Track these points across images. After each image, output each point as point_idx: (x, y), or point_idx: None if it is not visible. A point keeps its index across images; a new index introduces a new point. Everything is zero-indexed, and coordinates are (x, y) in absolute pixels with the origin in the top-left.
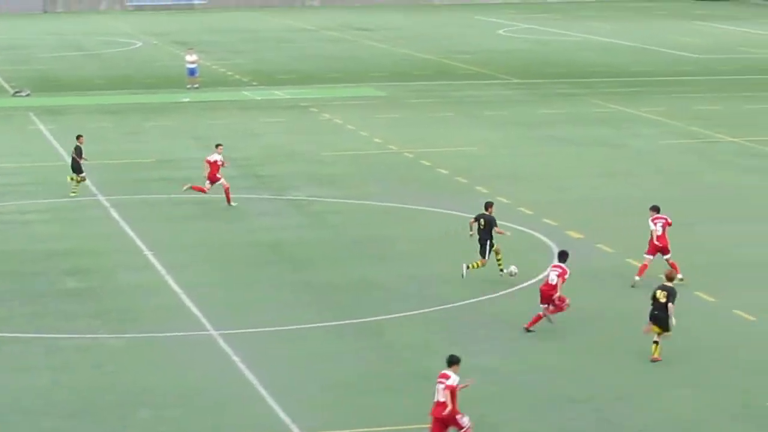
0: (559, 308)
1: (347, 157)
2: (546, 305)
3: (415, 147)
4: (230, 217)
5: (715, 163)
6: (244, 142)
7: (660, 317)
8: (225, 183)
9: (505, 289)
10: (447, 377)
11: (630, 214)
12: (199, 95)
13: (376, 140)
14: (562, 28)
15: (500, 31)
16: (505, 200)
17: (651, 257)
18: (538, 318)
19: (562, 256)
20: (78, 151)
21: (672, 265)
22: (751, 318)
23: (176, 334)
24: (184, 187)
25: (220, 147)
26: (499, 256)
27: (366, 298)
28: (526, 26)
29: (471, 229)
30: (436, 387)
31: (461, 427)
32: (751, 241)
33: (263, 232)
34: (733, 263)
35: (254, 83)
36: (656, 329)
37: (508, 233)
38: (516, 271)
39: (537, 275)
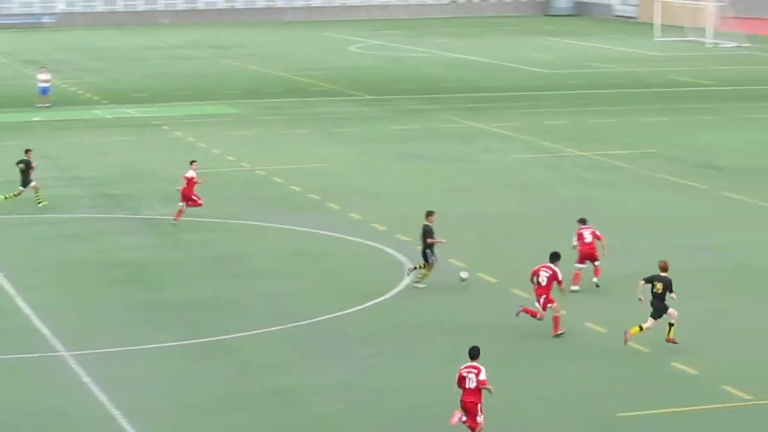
0: (543, 307)
1: (200, 175)
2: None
3: (268, 164)
4: (83, 237)
5: (566, 177)
6: (95, 161)
7: (657, 307)
8: (198, 201)
9: (360, 305)
10: (477, 369)
11: (483, 229)
12: (50, 114)
13: (229, 158)
14: (413, 45)
15: (351, 48)
16: (357, 216)
17: (583, 266)
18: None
19: (554, 257)
20: (27, 164)
21: (576, 276)
22: (602, 330)
23: (26, 355)
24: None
25: (194, 164)
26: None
27: (221, 316)
28: (377, 42)
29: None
30: (467, 376)
31: (477, 425)
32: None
33: (116, 252)
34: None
35: (105, 102)
36: (634, 331)
37: (444, 240)
38: (466, 276)
39: (389, 291)
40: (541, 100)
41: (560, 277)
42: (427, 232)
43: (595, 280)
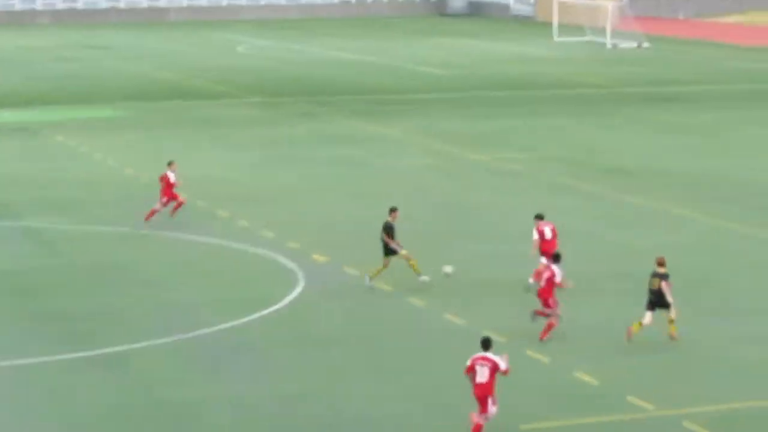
0: (550, 308)
1: (82, 181)
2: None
3: (153, 170)
4: None
5: (463, 182)
6: None
7: (659, 303)
8: (159, 207)
9: (251, 315)
10: (490, 360)
11: (377, 235)
12: None
13: (112, 163)
14: (304, 45)
15: (239, 49)
16: (246, 223)
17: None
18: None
19: (555, 258)
20: None
21: (538, 273)
22: (502, 339)
23: None
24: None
25: (173, 164)
26: (378, 268)
27: (108, 328)
28: (266, 43)
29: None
30: (478, 369)
31: (486, 410)
32: (492, 260)
33: None
34: (478, 282)
35: None
36: (635, 328)
37: (396, 245)
38: (451, 271)
39: (280, 300)
40: (437, 102)
41: (557, 279)
42: (387, 229)
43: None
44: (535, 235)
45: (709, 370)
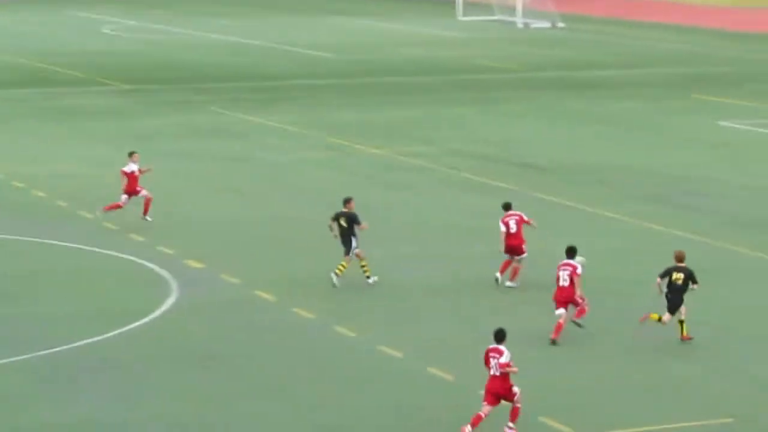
0: (582, 310)
1: None
2: (565, 310)
3: (6, 166)
4: None
5: (356, 178)
6: None
7: (674, 301)
8: (148, 194)
9: (117, 329)
10: (500, 353)
11: (259, 239)
12: None
13: None
14: (177, 26)
15: (104, 30)
16: (112, 226)
17: (508, 256)
18: (560, 326)
19: (570, 252)
20: None
21: (515, 270)
22: (398, 354)
23: None
24: (98, 212)
25: (135, 155)
26: (363, 263)
27: None
28: (135, 23)
29: (332, 230)
30: (492, 362)
31: (514, 396)
32: (392, 264)
33: None
34: (375, 289)
35: None
36: (654, 316)
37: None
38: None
39: (150, 312)
40: (327, 89)
41: (579, 272)
42: (354, 219)
43: (509, 283)
44: (502, 228)
45: (624, 388)
